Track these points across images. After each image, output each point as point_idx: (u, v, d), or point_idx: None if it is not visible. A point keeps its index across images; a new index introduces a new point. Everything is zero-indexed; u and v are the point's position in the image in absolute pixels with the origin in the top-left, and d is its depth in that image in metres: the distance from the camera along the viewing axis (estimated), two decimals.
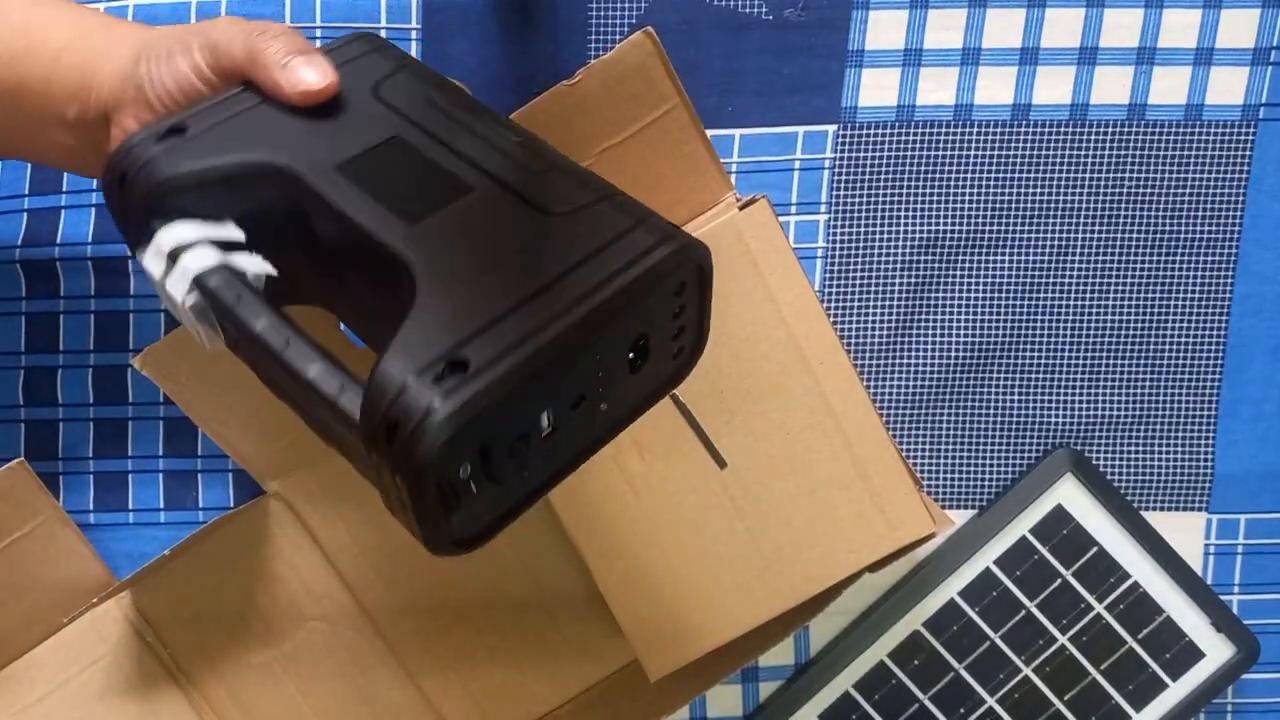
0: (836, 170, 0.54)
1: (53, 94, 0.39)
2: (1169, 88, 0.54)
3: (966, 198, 0.55)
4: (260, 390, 0.34)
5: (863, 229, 0.55)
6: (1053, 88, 0.54)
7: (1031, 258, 0.55)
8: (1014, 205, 0.55)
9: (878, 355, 0.56)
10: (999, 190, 0.55)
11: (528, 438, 0.31)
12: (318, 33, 0.53)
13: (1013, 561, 0.55)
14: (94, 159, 0.41)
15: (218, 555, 0.52)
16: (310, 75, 0.37)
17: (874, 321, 0.55)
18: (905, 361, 0.56)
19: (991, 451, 0.56)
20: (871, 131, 0.54)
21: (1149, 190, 0.55)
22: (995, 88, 0.54)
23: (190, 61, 0.38)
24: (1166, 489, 0.57)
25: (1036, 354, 0.56)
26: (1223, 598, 0.55)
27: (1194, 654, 0.55)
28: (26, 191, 0.54)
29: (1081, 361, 0.56)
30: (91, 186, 0.53)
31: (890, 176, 0.54)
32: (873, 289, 0.55)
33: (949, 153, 0.54)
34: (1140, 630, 0.55)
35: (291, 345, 0.32)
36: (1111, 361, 0.56)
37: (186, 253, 0.34)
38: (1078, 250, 0.55)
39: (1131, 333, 0.56)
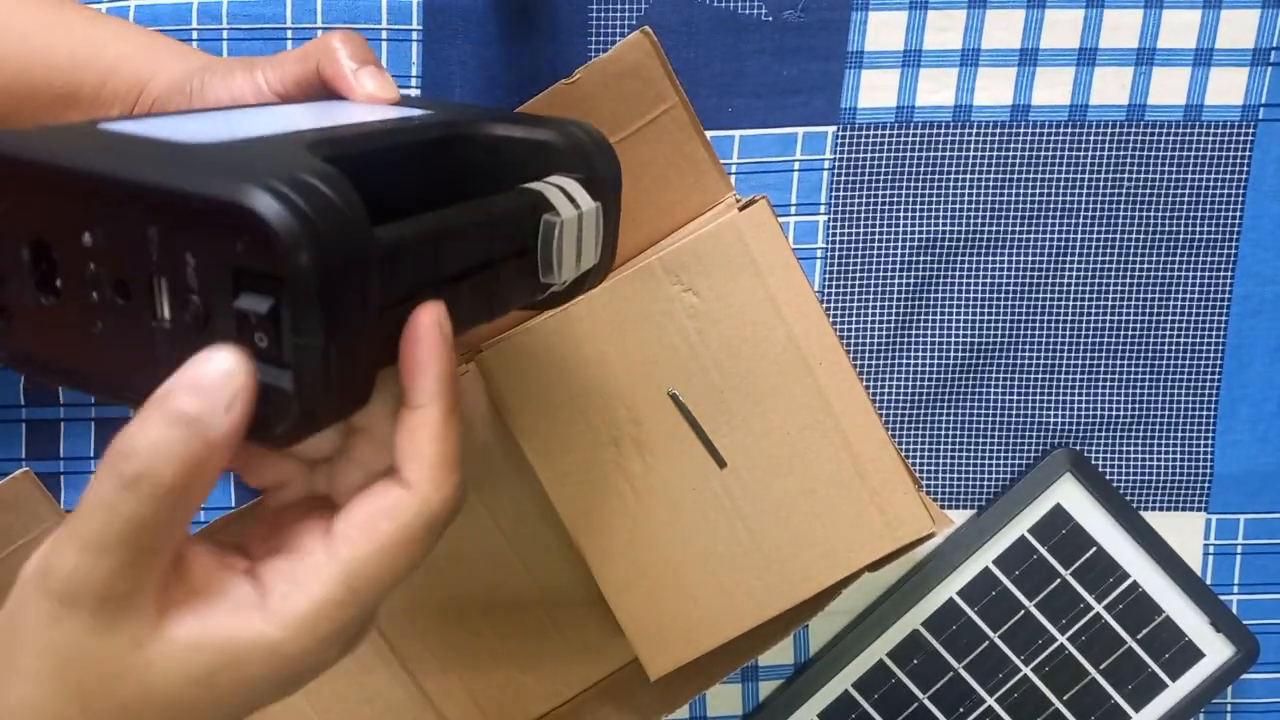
0: (836, 171, 0.54)
1: (103, 100, 0.40)
2: (1169, 88, 0.54)
3: (966, 198, 0.55)
4: None
5: (862, 229, 0.55)
6: (1052, 88, 0.54)
7: (1031, 258, 0.55)
8: (1014, 205, 0.55)
9: (878, 355, 0.56)
10: (999, 190, 0.55)
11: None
12: (319, 33, 0.53)
13: (1012, 561, 0.55)
14: None
15: None
16: (371, 87, 0.37)
17: (874, 321, 0.56)
18: (905, 361, 0.56)
19: (991, 451, 0.56)
20: (871, 132, 0.54)
21: (1148, 191, 0.55)
22: (995, 88, 0.54)
23: (251, 79, 0.38)
24: (1166, 489, 0.57)
25: (1036, 354, 0.56)
26: (1222, 598, 0.55)
27: (1193, 654, 0.55)
28: None
29: (1081, 361, 0.56)
30: None
31: (890, 177, 0.55)
32: (872, 289, 0.55)
33: (949, 153, 0.55)
34: (1140, 630, 0.55)
35: None
36: (1111, 361, 0.56)
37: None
38: (1077, 250, 0.55)
39: (1131, 333, 0.56)
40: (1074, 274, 0.56)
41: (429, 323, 0.29)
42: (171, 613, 0.27)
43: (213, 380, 0.25)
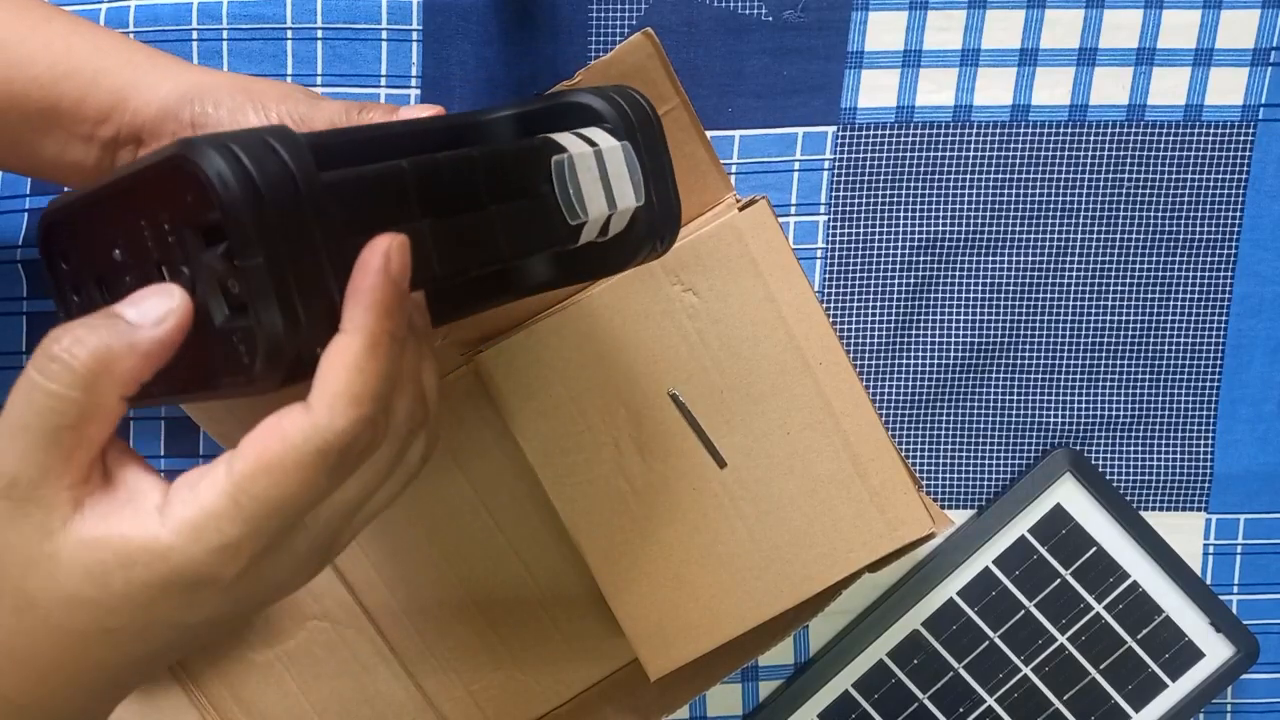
0: (836, 171, 0.54)
1: (84, 113, 0.39)
2: (1168, 88, 0.54)
3: (966, 198, 0.55)
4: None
5: (862, 230, 0.55)
6: (1052, 88, 0.54)
7: (1031, 258, 0.55)
8: (1014, 205, 0.55)
9: (878, 355, 0.56)
10: (999, 191, 0.55)
11: None
12: (319, 34, 0.53)
13: (1012, 561, 0.55)
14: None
15: None
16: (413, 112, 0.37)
17: (874, 321, 0.56)
18: (905, 361, 0.56)
19: (991, 451, 0.56)
20: (871, 132, 0.54)
21: (1148, 191, 0.55)
22: (995, 88, 0.54)
23: (264, 119, 0.37)
24: (1166, 489, 0.57)
25: (1036, 354, 0.56)
26: (1222, 598, 0.55)
27: (1193, 654, 0.55)
28: (27, 192, 0.54)
29: (1081, 361, 0.56)
30: None
31: (890, 177, 0.55)
32: (872, 289, 0.55)
33: (948, 153, 0.55)
34: (1140, 630, 0.55)
35: None
36: (1111, 361, 0.56)
37: None
38: (1077, 250, 0.55)
39: (1131, 333, 0.56)
40: (1074, 274, 0.56)
41: (376, 250, 0.28)
42: (83, 509, 0.28)
43: (147, 297, 0.28)
